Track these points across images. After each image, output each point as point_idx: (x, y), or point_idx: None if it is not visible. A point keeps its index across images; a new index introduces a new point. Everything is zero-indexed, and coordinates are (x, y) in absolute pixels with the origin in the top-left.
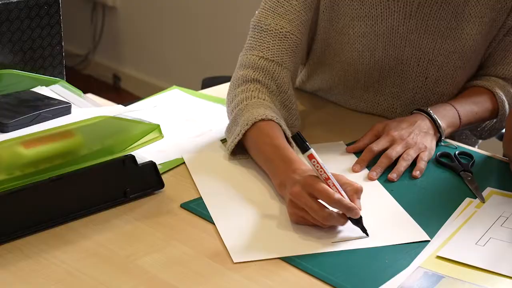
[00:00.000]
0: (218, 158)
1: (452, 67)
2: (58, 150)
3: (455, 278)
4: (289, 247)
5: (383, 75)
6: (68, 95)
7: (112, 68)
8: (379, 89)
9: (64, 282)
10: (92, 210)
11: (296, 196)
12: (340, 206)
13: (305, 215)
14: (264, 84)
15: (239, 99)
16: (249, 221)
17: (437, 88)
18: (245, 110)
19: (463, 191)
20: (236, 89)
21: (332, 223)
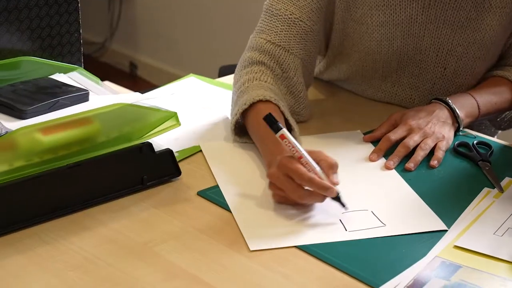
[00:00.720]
0: (235, 146)
1: (472, 58)
2: (76, 137)
3: (473, 268)
4: (305, 236)
5: (401, 65)
6: (86, 83)
7: (128, 56)
8: (397, 79)
9: (81, 268)
10: (109, 197)
11: (273, 177)
12: (312, 185)
13: (283, 194)
14: (269, 67)
15: (242, 81)
16: (266, 209)
17: (455, 79)
18: (245, 92)
19: (481, 181)
20: (242, 70)
21: (308, 201)
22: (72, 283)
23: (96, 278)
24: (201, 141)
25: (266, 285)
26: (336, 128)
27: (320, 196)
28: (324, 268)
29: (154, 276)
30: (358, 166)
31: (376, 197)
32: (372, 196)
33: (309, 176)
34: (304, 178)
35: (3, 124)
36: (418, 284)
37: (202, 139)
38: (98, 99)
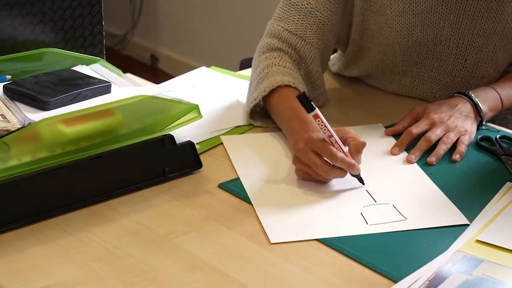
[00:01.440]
0: (256, 139)
1: (492, 49)
2: (98, 129)
3: (495, 262)
4: (326, 229)
5: (421, 57)
6: (108, 74)
7: (150, 48)
8: (418, 73)
9: (103, 259)
10: (131, 188)
11: (300, 152)
12: (342, 163)
13: (309, 170)
14: (287, 53)
15: (262, 66)
16: (287, 202)
17: (476, 71)
18: (265, 78)
19: (504, 175)
20: (261, 55)
21: (333, 177)
22: (93, 274)
23: (117, 269)
24: (221, 131)
25: (286, 278)
26: (357, 121)
27: (343, 172)
28: (344, 261)
29: (175, 268)
30: (379, 160)
31: (397, 190)
32: (393, 189)
33: (340, 155)
34: (335, 157)
35: (26, 115)
36: (439, 279)
37: (222, 130)
38: (120, 91)
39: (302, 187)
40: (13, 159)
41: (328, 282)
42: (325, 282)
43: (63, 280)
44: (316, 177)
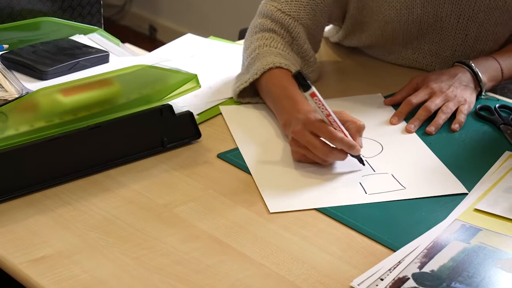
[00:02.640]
0: (255, 109)
1: (493, 24)
2: (96, 99)
3: (493, 231)
4: (325, 198)
5: (421, 32)
6: (106, 44)
7: (148, 19)
8: (418, 46)
9: (102, 228)
10: (129, 158)
11: (298, 134)
12: (342, 143)
13: (307, 152)
14: (280, 34)
15: (253, 47)
16: (286, 171)
17: (477, 46)
18: (257, 58)
19: (503, 144)
20: (253, 36)
21: (332, 159)
22: (92, 243)
23: (117, 238)
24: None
25: (285, 247)
26: (357, 92)
27: (344, 154)
28: (343, 230)
29: (174, 237)
30: (378, 129)
31: (396, 160)
32: (392, 159)
33: (339, 135)
34: (335, 137)
35: (24, 84)
36: (438, 247)
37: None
38: (118, 60)
39: None
40: (11, 129)
41: (327, 251)
42: (324, 251)
43: (62, 249)
44: (314, 159)
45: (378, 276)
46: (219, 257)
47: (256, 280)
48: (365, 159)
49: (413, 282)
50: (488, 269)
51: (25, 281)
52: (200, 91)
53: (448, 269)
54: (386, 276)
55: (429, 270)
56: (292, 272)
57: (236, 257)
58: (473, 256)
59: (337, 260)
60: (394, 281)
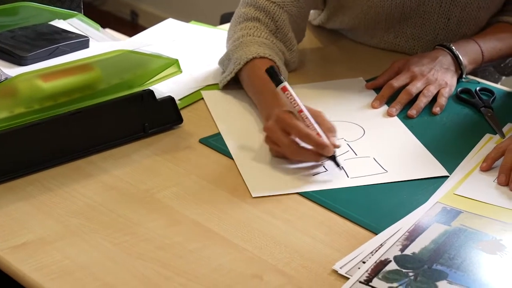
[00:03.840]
0: (237, 94)
1: (475, 8)
2: (76, 84)
3: (473, 213)
4: (308, 182)
5: (404, 16)
6: (86, 29)
7: (129, 4)
8: (400, 30)
9: (83, 214)
10: (111, 144)
11: (269, 131)
12: (310, 141)
13: (279, 149)
14: (264, 23)
15: (236, 36)
16: (268, 156)
17: (459, 29)
18: (239, 47)
19: (484, 127)
20: (237, 26)
21: (302, 158)
22: (74, 229)
23: (99, 224)
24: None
25: (268, 231)
26: (338, 76)
27: (315, 155)
28: (326, 214)
29: (156, 222)
30: (360, 113)
31: (378, 144)
32: (374, 142)
33: (306, 131)
34: (302, 133)
35: (2, 70)
36: (419, 230)
37: (202, 83)
38: (98, 45)
39: None
40: None
41: (310, 235)
42: (307, 235)
43: (43, 236)
44: (288, 157)
45: (360, 259)
46: (202, 242)
47: (239, 264)
48: (348, 144)
49: (394, 264)
50: (469, 251)
51: (6, 268)
52: (181, 76)
53: (429, 251)
54: (368, 259)
55: (411, 253)
56: (275, 256)
57: (218, 241)
58: (454, 238)
59: (320, 243)
60: (376, 264)
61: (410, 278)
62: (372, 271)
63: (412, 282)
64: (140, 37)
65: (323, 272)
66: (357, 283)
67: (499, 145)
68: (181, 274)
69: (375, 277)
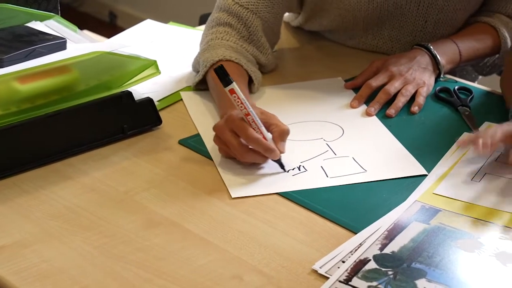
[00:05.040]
0: None
1: (452, 10)
2: (54, 86)
3: (452, 211)
4: (287, 182)
5: (382, 19)
6: (63, 31)
7: (108, 5)
8: (378, 32)
9: (62, 217)
10: (90, 146)
11: (218, 131)
12: (258, 145)
13: (227, 149)
14: (236, 28)
15: (207, 40)
16: None
17: (436, 31)
18: (206, 50)
19: (461, 126)
20: (209, 30)
21: (250, 160)
22: (53, 232)
23: (77, 227)
24: (180, 86)
25: (248, 232)
26: (317, 76)
27: (262, 157)
28: (306, 214)
29: (135, 224)
30: (339, 113)
31: (357, 143)
32: (353, 142)
33: (254, 135)
34: (250, 137)
35: None
36: (398, 228)
37: (181, 84)
38: (75, 47)
39: None
40: None
41: (289, 235)
42: (286, 235)
43: (21, 239)
44: (236, 157)
45: (339, 258)
46: (181, 243)
47: (219, 265)
48: (328, 144)
49: (374, 263)
50: (447, 249)
51: None
52: (160, 77)
53: (408, 250)
54: (347, 258)
55: (390, 252)
56: (255, 256)
57: (198, 242)
58: (433, 236)
59: (299, 243)
60: (355, 263)
61: (389, 277)
62: (351, 270)
63: (392, 281)
64: (118, 38)
65: (302, 272)
66: (337, 282)
67: None
68: (160, 275)
69: (355, 276)
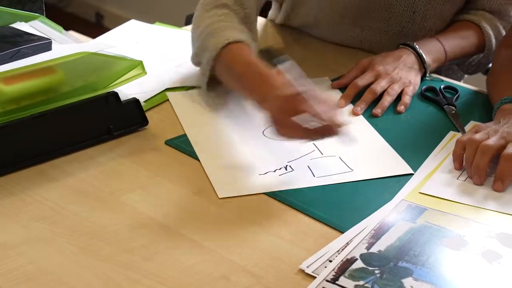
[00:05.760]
0: (202, 94)
1: (440, 2)
2: (39, 87)
3: (438, 210)
4: (274, 182)
5: (369, 10)
6: (48, 31)
7: (94, 5)
8: (366, 24)
9: (48, 219)
10: (75, 147)
11: (278, 119)
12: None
13: (288, 131)
14: (233, 9)
15: (206, 24)
16: (234, 156)
17: (424, 23)
18: (212, 34)
19: (447, 125)
20: (205, 13)
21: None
22: (38, 234)
23: (63, 228)
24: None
25: (235, 232)
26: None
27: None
28: (292, 213)
29: (121, 225)
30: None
31: (343, 142)
32: (339, 142)
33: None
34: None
35: None
36: (385, 227)
37: (167, 83)
38: (61, 48)
39: (249, 141)
40: None
41: (277, 235)
42: (274, 235)
43: (6, 241)
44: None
45: (326, 258)
46: (169, 244)
47: (207, 265)
48: (314, 144)
49: (361, 262)
50: (434, 248)
51: None
52: (147, 77)
53: (395, 248)
54: (334, 257)
55: (377, 251)
56: (243, 256)
57: (185, 243)
58: (419, 235)
59: (287, 243)
60: (342, 262)
61: (376, 276)
62: (338, 270)
63: (378, 280)
64: (103, 39)
65: (290, 272)
66: (324, 281)
67: (459, 138)
68: (148, 276)
69: (342, 275)
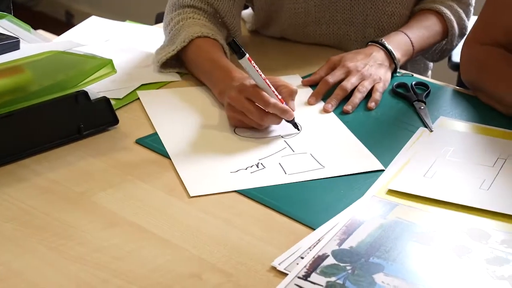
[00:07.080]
0: (173, 93)
1: None
2: (7, 86)
3: (408, 205)
4: (245, 180)
5: (332, 3)
6: (16, 30)
7: (64, 4)
8: (331, 17)
9: (18, 219)
10: (45, 147)
11: (234, 100)
12: (275, 109)
13: (243, 117)
14: (201, 8)
15: (175, 22)
16: (205, 155)
17: (386, 8)
18: (181, 29)
19: (418, 121)
20: (172, 13)
21: (268, 123)
22: (8, 234)
23: (34, 228)
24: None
25: (207, 230)
26: (274, 73)
27: (278, 118)
28: (264, 211)
29: (93, 225)
30: (297, 110)
31: (315, 140)
32: (311, 139)
33: (273, 100)
34: (268, 102)
35: None
36: (356, 224)
37: (138, 81)
38: (29, 47)
39: (221, 139)
40: None
41: (248, 232)
42: (245, 232)
43: None
44: (250, 124)
45: (298, 254)
46: (139, 243)
47: (178, 264)
48: (286, 141)
49: (332, 259)
50: (405, 243)
51: None
52: (116, 76)
53: (366, 244)
54: (306, 254)
55: (348, 247)
56: (214, 254)
57: (156, 242)
58: (390, 231)
59: (258, 241)
60: (314, 259)
61: (347, 272)
62: (310, 266)
63: (350, 276)
64: (67, 36)
65: (262, 269)
66: (296, 278)
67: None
68: (118, 276)
69: (313, 272)
